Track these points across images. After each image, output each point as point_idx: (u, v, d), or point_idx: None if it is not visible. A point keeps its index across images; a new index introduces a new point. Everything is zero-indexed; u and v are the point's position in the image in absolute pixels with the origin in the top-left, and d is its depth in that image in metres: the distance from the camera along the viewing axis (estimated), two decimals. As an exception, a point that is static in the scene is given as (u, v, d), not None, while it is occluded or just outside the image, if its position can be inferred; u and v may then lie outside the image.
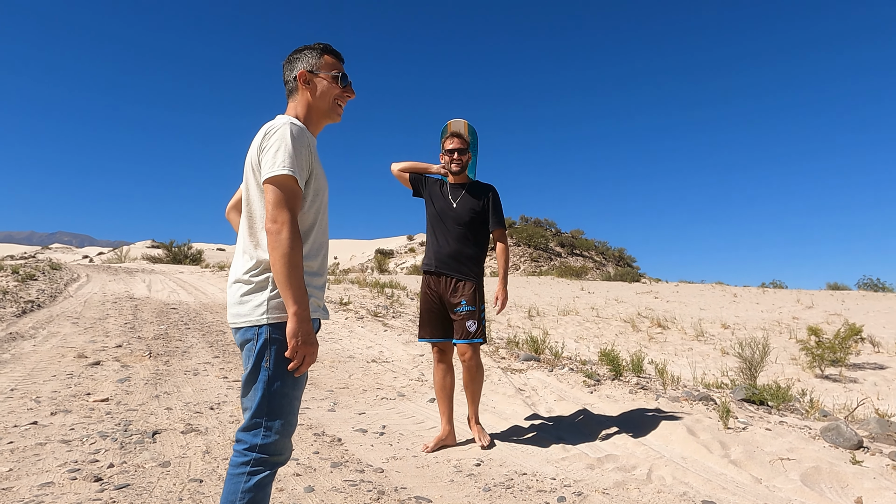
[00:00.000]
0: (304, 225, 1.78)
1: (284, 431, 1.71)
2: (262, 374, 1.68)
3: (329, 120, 1.93)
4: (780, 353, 9.44)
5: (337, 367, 5.78)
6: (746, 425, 3.72)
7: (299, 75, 1.87)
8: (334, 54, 1.92)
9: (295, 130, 1.73)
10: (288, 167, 1.66)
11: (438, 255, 3.52)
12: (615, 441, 3.54)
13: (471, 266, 3.53)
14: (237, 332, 1.74)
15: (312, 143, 1.80)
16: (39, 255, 44.01)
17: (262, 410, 1.68)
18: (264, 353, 1.69)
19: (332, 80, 1.88)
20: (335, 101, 1.90)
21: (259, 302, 1.71)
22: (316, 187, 1.81)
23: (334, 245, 68.58)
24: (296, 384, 1.73)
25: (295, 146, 1.70)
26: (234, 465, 1.68)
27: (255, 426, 1.68)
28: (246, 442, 1.68)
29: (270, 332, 1.69)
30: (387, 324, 8.85)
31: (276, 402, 1.68)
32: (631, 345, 9.67)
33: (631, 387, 4.75)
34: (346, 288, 14.79)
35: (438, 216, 3.58)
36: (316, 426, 3.74)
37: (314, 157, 1.80)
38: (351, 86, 1.94)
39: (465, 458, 3.27)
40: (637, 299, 17.51)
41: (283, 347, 1.68)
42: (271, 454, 1.69)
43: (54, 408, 3.76)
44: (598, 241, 43.91)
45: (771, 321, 13.28)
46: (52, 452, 2.97)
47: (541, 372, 5.43)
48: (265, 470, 1.68)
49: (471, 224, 3.55)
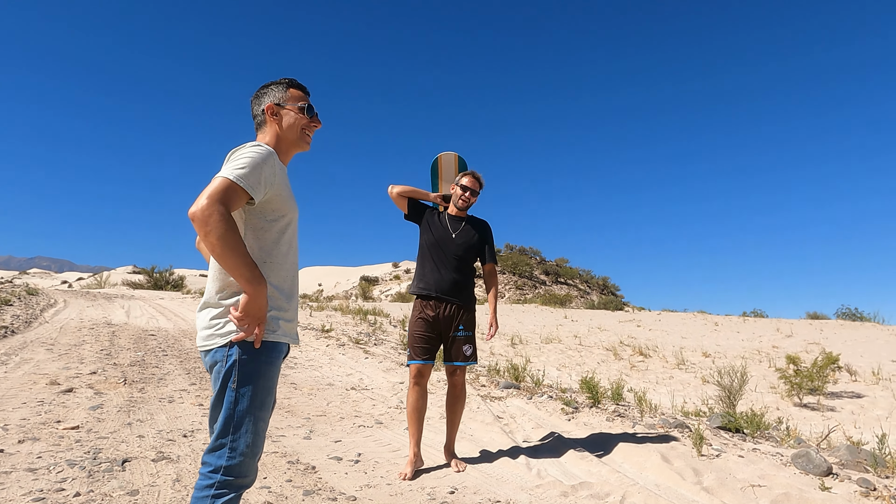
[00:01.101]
0: (265, 241, 1.83)
1: (249, 453, 1.71)
2: (227, 395, 1.70)
3: (298, 149, 2.01)
4: (760, 381, 9.52)
5: (315, 395, 5.73)
6: (720, 452, 3.75)
7: (267, 108, 1.95)
8: (299, 87, 2.01)
9: (263, 150, 1.80)
10: (239, 177, 1.70)
11: (439, 283, 3.66)
12: (590, 468, 3.55)
13: (469, 294, 3.78)
14: (206, 355, 1.77)
15: (279, 168, 1.85)
16: (17, 279, 43.24)
17: (226, 431, 1.69)
18: (231, 373, 1.71)
19: (298, 111, 1.96)
20: (303, 130, 1.98)
21: (227, 321, 1.74)
22: (279, 208, 1.85)
23: (320, 272, 68.19)
24: (262, 405, 1.75)
25: (258, 162, 1.75)
26: (198, 488, 1.68)
27: (220, 447, 1.69)
28: (210, 464, 1.69)
29: (239, 354, 1.71)
30: (368, 351, 8.80)
31: (241, 423, 1.70)
32: (612, 373, 9.70)
33: (608, 414, 4.77)
34: (328, 315, 14.71)
35: (437, 245, 3.72)
36: (290, 454, 3.70)
37: (279, 180, 1.84)
38: (317, 116, 2.02)
39: (439, 486, 3.25)
40: (620, 328, 17.59)
41: (250, 369, 1.71)
42: (236, 476, 1.69)
43: (22, 435, 3.68)
44: (583, 270, 44.20)
45: (751, 350, 13.40)
46: (18, 481, 2.91)
47: (520, 399, 5.43)
48: (230, 493, 1.68)
49: (467, 256, 3.75)
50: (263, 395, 1.75)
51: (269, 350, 1.78)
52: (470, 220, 3.86)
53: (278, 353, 1.82)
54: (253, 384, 1.72)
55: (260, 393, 1.74)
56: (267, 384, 1.77)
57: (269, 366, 1.77)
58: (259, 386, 1.74)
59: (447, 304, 3.66)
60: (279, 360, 1.83)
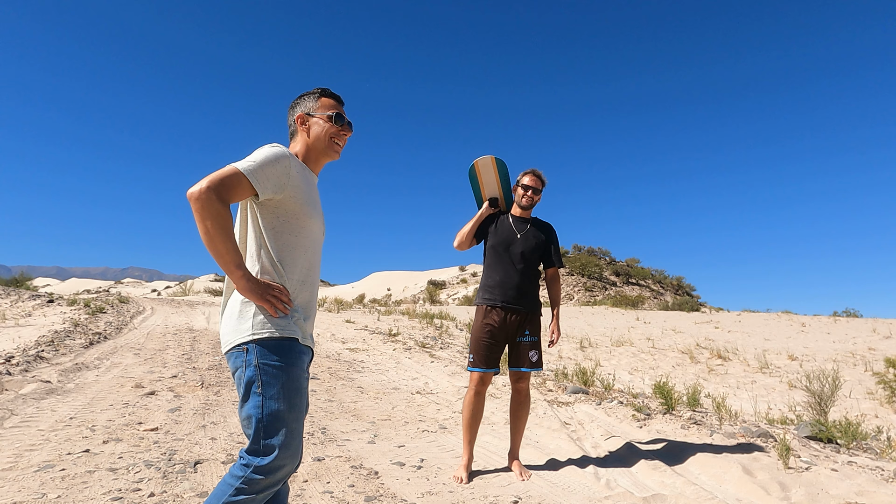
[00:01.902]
0: (279, 243, 1.84)
1: (282, 455, 1.71)
2: (253, 400, 1.71)
3: (327, 157, 2.03)
4: (855, 386, 8.79)
5: (381, 399, 5.77)
6: (810, 465, 3.45)
7: (297, 118, 1.99)
8: (331, 96, 2.03)
9: (278, 150, 1.82)
10: (246, 168, 1.72)
11: (504, 289, 3.58)
12: (663, 480, 3.35)
13: (535, 299, 3.68)
14: (229, 360, 1.78)
15: (297, 172, 1.86)
16: (112, 289, 46.57)
17: (259, 435, 1.70)
18: (254, 379, 1.72)
19: (327, 119, 1.98)
20: (331, 139, 1.99)
21: (246, 320, 1.76)
22: (295, 213, 1.85)
23: (388, 277, 69.41)
24: (291, 407, 1.74)
25: (270, 160, 1.78)
26: (229, 474, 1.72)
27: (255, 452, 1.71)
28: (244, 459, 1.71)
29: (258, 358, 1.72)
30: (434, 355, 8.81)
31: (272, 426, 1.70)
32: (688, 377, 9.24)
33: (683, 421, 4.51)
34: (395, 319, 14.90)
35: (503, 247, 3.64)
36: (354, 458, 3.72)
37: (295, 183, 1.84)
38: (349, 125, 2.03)
39: (502, 495, 3.16)
40: (696, 329, 16.81)
41: (275, 372, 1.72)
42: (266, 475, 1.70)
43: (107, 436, 3.90)
44: (655, 270, 42.67)
45: (844, 352, 12.44)
46: (99, 480, 3.07)
47: (588, 405, 5.24)
48: (252, 491, 1.69)
49: (534, 258, 3.66)
50: (290, 396, 1.74)
51: (287, 350, 1.77)
52: (535, 222, 3.77)
53: (298, 353, 1.81)
54: (280, 386, 1.72)
55: (286, 394, 1.73)
56: (293, 384, 1.76)
57: (290, 366, 1.77)
58: (286, 387, 1.74)
59: (513, 311, 3.57)
60: (301, 361, 1.82)
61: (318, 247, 1.97)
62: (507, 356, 3.70)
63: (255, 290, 1.73)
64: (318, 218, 1.95)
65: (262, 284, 1.76)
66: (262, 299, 1.74)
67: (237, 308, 1.79)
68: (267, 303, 1.75)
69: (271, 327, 1.76)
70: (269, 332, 1.75)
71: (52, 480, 3.02)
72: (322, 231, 2.01)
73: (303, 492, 3.07)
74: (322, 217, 2.01)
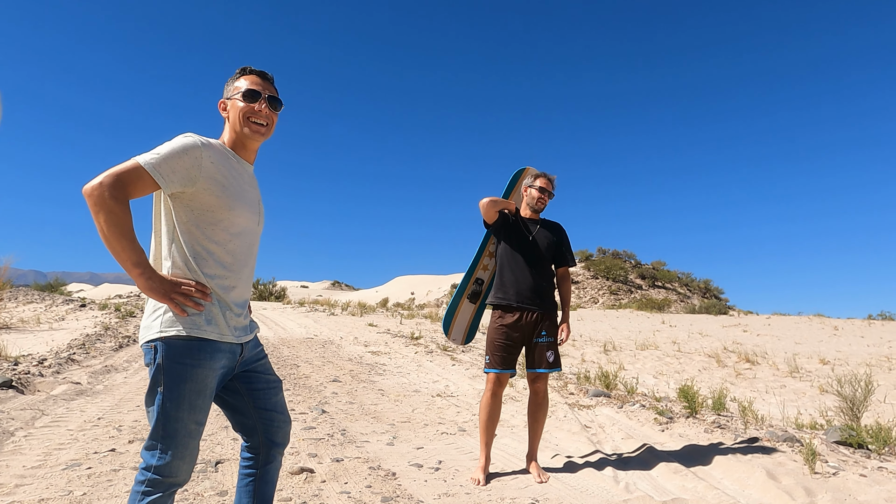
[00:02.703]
0: (191, 237, 1.77)
1: (179, 455, 1.69)
2: (157, 398, 1.69)
3: (250, 140, 1.91)
4: (890, 391, 8.51)
5: (401, 401, 5.79)
6: (837, 470, 3.36)
7: (220, 105, 1.92)
8: (249, 74, 1.92)
9: (188, 141, 1.74)
10: (149, 162, 1.65)
11: (519, 290, 3.59)
12: (684, 483, 3.29)
13: (550, 299, 3.68)
14: (144, 354, 1.76)
15: (212, 163, 1.78)
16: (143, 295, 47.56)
17: (157, 433, 1.69)
18: (159, 378, 1.69)
19: (241, 98, 1.88)
20: (247, 118, 1.88)
21: (155, 318, 1.73)
22: (211, 206, 1.78)
23: (412, 281, 69.55)
24: (192, 409, 1.71)
25: (177, 152, 1.70)
26: (135, 482, 1.71)
27: (152, 447, 1.69)
28: (144, 461, 1.70)
29: (164, 356, 1.69)
30: (455, 358, 8.80)
31: (170, 426, 1.68)
32: (715, 381, 9.06)
33: (707, 425, 4.43)
34: (418, 322, 14.94)
35: (517, 249, 3.65)
36: (372, 459, 3.74)
37: (209, 175, 1.76)
38: (269, 99, 1.90)
39: (519, 497, 3.14)
40: (723, 333, 16.49)
41: (177, 373, 1.69)
42: (165, 476, 1.68)
43: (133, 436, 3.99)
44: (682, 273, 42.02)
45: (878, 356, 12.08)
46: (124, 479, 3.14)
47: (610, 409, 5.18)
48: (157, 492, 1.68)
49: (546, 258, 3.68)
50: (193, 398, 1.70)
51: (195, 350, 1.72)
52: (545, 223, 3.80)
53: (209, 352, 1.75)
54: (180, 387, 1.69)
55: (188, 396, 1.70)
56: (196, 387, 1.71)
57: (195, 368, 1.72)
58: (187, 389, 1.70)
59: (528, 311, 3.57)
60: (212, 360, 1.76)
61: (245, 239, 1.88)
62: (524, 358, 3.68)
63: (156, 290, 1.67)
64: (244, 209, 1.86)
65: (166, 283, 1.69)
66: (166, 298, 1.68)
67: (152, 303, 1.76)
68: (171, 301, 1.69)
69: (179, 326, 1.71)
70: (175, 332, 1.71)
71: (79, 478, 3.10)
72: (253, 221, 1.92)
73: (320, 492, 3.09)
74: (254, 207, 1.92)
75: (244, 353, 1.91)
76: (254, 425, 1.99)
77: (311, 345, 10.21)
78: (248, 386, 1.96)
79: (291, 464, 3.51)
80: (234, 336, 1.84)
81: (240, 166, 1.90)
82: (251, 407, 1.97)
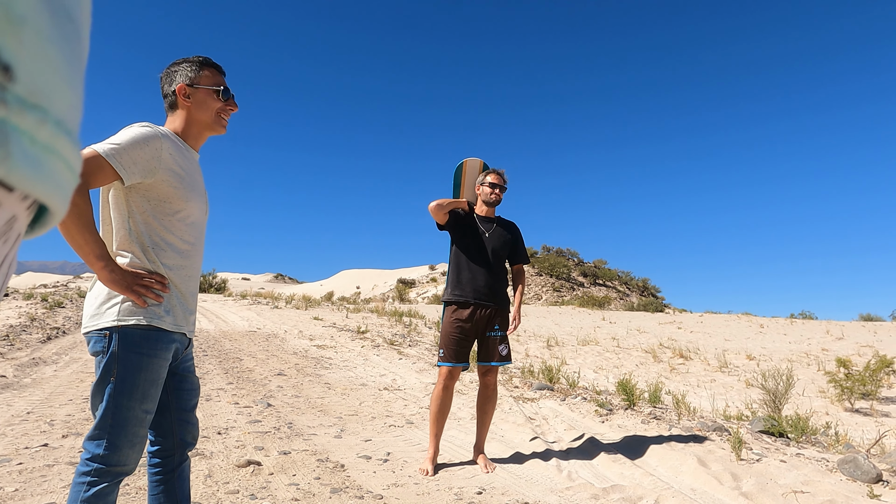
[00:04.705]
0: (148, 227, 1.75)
1: (128, 443, 1.68)
2: (108, 388, 1.66)
3: (213, 132, 1.91)
4: (808, 385, 9.15)
5: (348, 395, 5.78)
6: (761, 457, 3.61)
7: (178, 89, 1.84)
8: (214, 67, 1.89)
9: (148, 131, 1.71)
10: (108, 151, 1.61)
11: (475, 287, 3.65)
12: (622, 471, 3.46)
13: (504, 295, 3.76)
14: (89, 342, 1.72)
15: (170, 154, 1.76)
16: (71, 283, 45.13)
17: (105, 422, 1.66)
18: (112, 366, 1.66)
19: (215, 94, 1.86)
20: (218, 113, 1.88)
21: (111, 306, 1.70)
22: (165, 193, 1.76)
23: (358, 275, 68.93)
24: (144, 398, 1.69)
25: (137, 142, 1.67)
26: (77, 474, 1.67)
27: (98, 437, 1.66)
28: (89, 451, 1.67)
29: (119, 345, 1.67)
30: (402, 352, 8.83)
31: (120, 415, 1.66)
32: (651, 375, 9.48)
33: (644, 417, 4.65)
34: (364, 317, 14.85)
35: (472, 246, 3.71)
36: (320, 452, 3.73)
37: (168, 166, 1.75)
38: (234, 99, 1.92)
39: (466, 487, 3.22)
40: (660, 330, 17.21)
41: (133, 362, 1.67)
42: (112, 465, 1.66)
43: (67, 431, 3.82)
44: (622, 271, 43.47)
45: (799, 353, 12.92)
46: (59, 474, 3.02)
47: (553, 401, 5.35)
48: (104, 481, 1.65)
49: (501, 256, 3.75)
50: (146, 388, 1.69)
51: (153, 340, 1.71)
52: (500, 221, 3.87)
53: (165, 342, 1.75)
54: (135, 377, 1.67)
55: (142, 385, 1.68)
56: (150, 377, 1.70)
57: (151, 358, 1.71)
58: (141, 379, 1.68)
59: (483, 307, 3.65)
60: (166, 351, 1.75)
61: (197, 229, 1.88)
62: (475, 352, 3.76)
63: (119, 282, 1.65)
64: (198, 199, 1.86)
65: (128, 275, 1.68)
66: (129, 290, 1.66)
67: (104, 290, 1.71)
68: (134, 294, 1.67)
69: (139, 316, 1.69)
70: (134, 321, 1.69)
71: (10, 474, 2.96)
72: (203, 212, 1.91)
73: (269, 484, 3.07)
74: (203, 197, 1.91)
75: (189, 346, 1.90)
76: (170, 426, 1.91)
77: (255, 338, 10.00)
78: (177, 385, 1.91)
79: (238, 457, 3.46)
80: (187, 327, 1.83)
81: (189, 155, 1.87)
82: (173, 407, 1.91)
